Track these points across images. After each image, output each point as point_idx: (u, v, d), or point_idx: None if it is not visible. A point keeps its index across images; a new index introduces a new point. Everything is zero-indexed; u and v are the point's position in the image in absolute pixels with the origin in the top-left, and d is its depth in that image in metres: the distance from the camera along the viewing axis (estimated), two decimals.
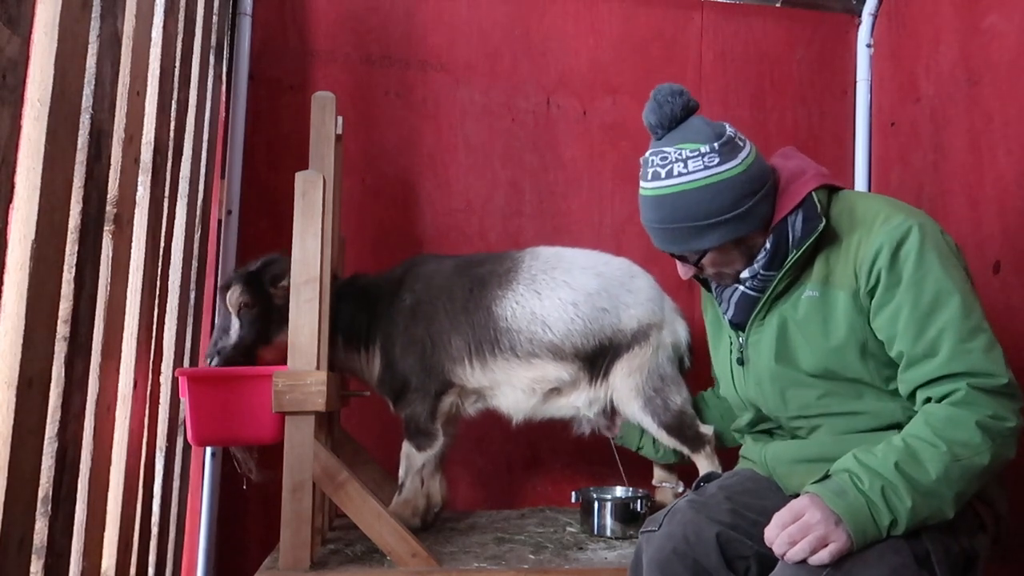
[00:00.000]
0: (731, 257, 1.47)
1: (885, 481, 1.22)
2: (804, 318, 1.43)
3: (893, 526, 1.22)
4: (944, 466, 1.23)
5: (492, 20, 2.60)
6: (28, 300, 1.15)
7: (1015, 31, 2.09)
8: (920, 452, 1.24)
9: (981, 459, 1.24)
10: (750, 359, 1.52)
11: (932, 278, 1.32)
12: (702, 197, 1.40)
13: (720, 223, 1.41)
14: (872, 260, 1.35)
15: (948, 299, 1.30)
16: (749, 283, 1.48)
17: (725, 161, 1.40)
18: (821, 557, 1.20)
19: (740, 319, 1.52)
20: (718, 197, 1.40)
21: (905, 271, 1.33)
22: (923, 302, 1.31)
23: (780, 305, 1.47)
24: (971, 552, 1.33)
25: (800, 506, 1.25)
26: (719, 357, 1.65)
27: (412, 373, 1.96)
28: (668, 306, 2.04)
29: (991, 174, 2.15)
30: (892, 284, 1.33)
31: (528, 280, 1.98)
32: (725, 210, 1.40)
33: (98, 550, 1.54)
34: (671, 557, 1.38)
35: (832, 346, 1.40)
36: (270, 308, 1.89)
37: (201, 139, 2.14)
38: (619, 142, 2.64)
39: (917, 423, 1.29)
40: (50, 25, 1.20)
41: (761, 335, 1.49)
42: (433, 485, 2.04)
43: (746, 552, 1.38)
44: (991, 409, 1.26)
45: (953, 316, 1.29)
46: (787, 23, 2.77)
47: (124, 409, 1.64)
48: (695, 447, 1.94)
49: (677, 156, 1.41)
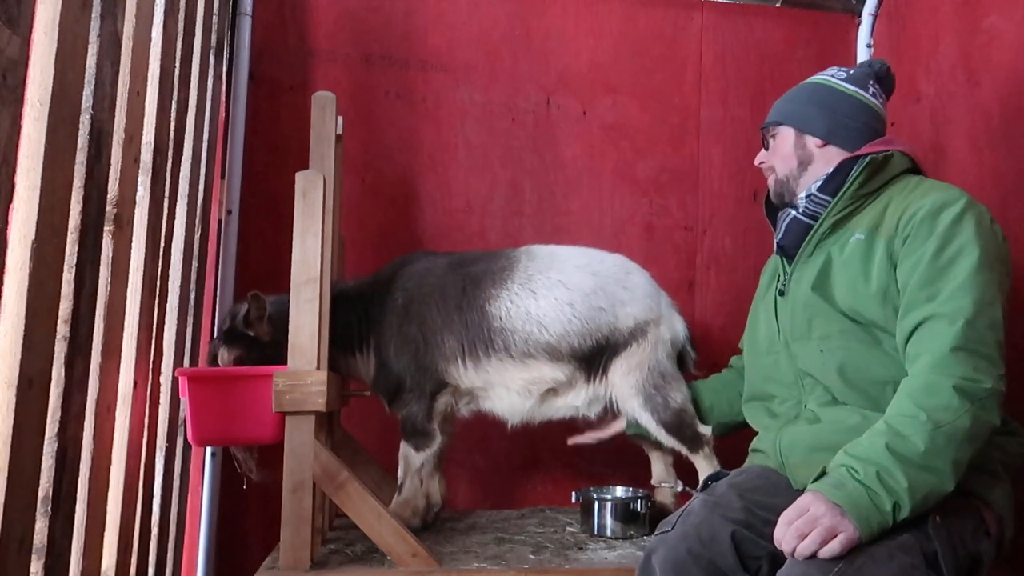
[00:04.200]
0: (786, 152, 1.66)
1: (878, 466, 1.23)
2: (847, 259, 1.50)
3: (897, 509, 1.22)
4: (929, 435, 1.24)
5: (492, 20, 2.60)
6: (28, 300, 1.15)
7: (1015, 31, 2.09)
8: (903, 428, 1.26)
9: (962, 422, 1.25)
10: (790, 292, 1.60)
11: (961, 240, 1.36)
12: (815, 90, 1.67)
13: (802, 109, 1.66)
14: (914, 212, 1.42)
15: (969, 263, 1.34)
16: (802, 207, 1.59)
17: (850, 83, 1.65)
18: (832, 548, 1.20)
19: (788, 242, 1.62)
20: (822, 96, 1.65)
21: (939, 226, 1.38)
22: (944, 256, 1.36)
23: (828, 244, 1.55)
24: (976, 556, 1.33)
25: (804, 503, 1.26)
26: (762, 306, 1.74)
27: (406, 373, 1.95)
28: (664, 302, 2.03)
29: (991, 174, 2.15)
30: (924, 236, 1.39)
31: (523, 279, 1.96)
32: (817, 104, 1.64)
33: (98, 550, 1.54)
34: (686, 558, 1.36)
35: (862, 289, 1.45)
36: (262, 347, 1.88)
37: (201, 139, 2.14)
38: (619, 142, 2.64)
39: (897, 399, 1.32)
40: (50, 25, 1.19)
41: (805, 270, 1.57)
42: (432, 485, 2.04)
43: (759, 552, 1.37)
44: (966, 370, 1.28)
45: (968, 280, 1.33)
46: (787, 23, 2.77)
47: (124, 409, 1.64)
48: (694, 447, 1.94)
49: (834, 72, 1.70)
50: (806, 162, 1.64)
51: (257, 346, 1.89)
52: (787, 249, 1.63)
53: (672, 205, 2.66)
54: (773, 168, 1.70)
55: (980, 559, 1.34)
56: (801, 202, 1.60)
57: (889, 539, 1.23)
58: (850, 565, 1.20)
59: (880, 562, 1.20)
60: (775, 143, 1.70)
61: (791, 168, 1.65)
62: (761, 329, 1.71)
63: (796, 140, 1.66)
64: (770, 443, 1.57)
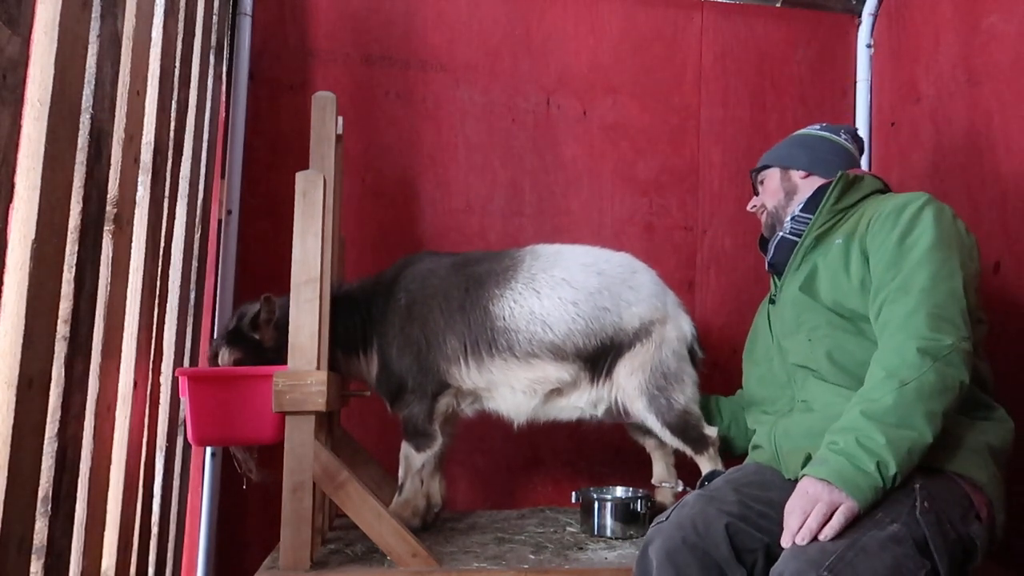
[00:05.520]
0: (775, 188, 1.85)
1: (855, 431, 1.31)
2: (829, 261, 1.65)
3: (883, 467, 1.28)
4: (897, 392, 1.33)
5: (492, 20, 2.60)
6: (28, 300, 1.15)
7: (1015, 31, 2.09)
8: (873, 392, 1.36)
9: (927, 377, 1.33)
10: (780, 299, 1.77)
11: (920, 227, 1.50)
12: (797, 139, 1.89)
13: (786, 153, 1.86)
14: (882, 211, 1.57)
15: (926, 243, 1.47)
16: (788, 227, 1.77)
17: (826, 131, 1.87)
18: (834, 525, 1.26)
19: (777, 259, 1.79)
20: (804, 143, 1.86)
21: (902, 218, 1.53)
22: (906, 243, 1.49)
23: (813, 256, 1.71)
24: (968, 542, 1.34)
25: (800, 490, 1.32)
26: (757, 324, 1.91)
27: (408, 373, 1.95)
28: (671, 301, 2.01)
29: (991, 174, 2.15)
30: (888, 228, 1.53)
31: (527, 279, 1.95)
32: (800, 146, 1.85)
33: (98, 550, 1.54)
34: (680, 547, 1.38)
35: (844, 284, 1.59)
36: (263, 352, 1.89)
37: (201, 139, 2.14)
38: (619, 142, 2.64)
39: (868, 371, 1.42)
40: (50, 25, 1.20)
41: (793, 279, 1.72)
42: (433, 485, 2.04)
43: (754, 545, 1.39)
44: (925, 331, 1.37)
45: (924, 257, 1.46)
46: (787, 23, 2.77)
47: (124, 409, 1.64)
48: (699, 448, 1.93)
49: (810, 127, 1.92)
50: (792, 192, 1.83)
51: (259, 351, 1.89)
52: (777, 266, 1.81)
53: (672, 205, 2.66)
54: (764, 205, 1.88)
55: (973, 543, 1.35)
56: (788, 225, 1.79)
57: (880, 531, 1.25)
58: (841, 560, 1.21)
59: (873, 555, 1.22)
60: (764, 185, 1.90)
61: (779, 199, 1.85)
62: (758, 347, 1.88)
63: (782, 176, 1.86)
64: (766, 436, 1.64)
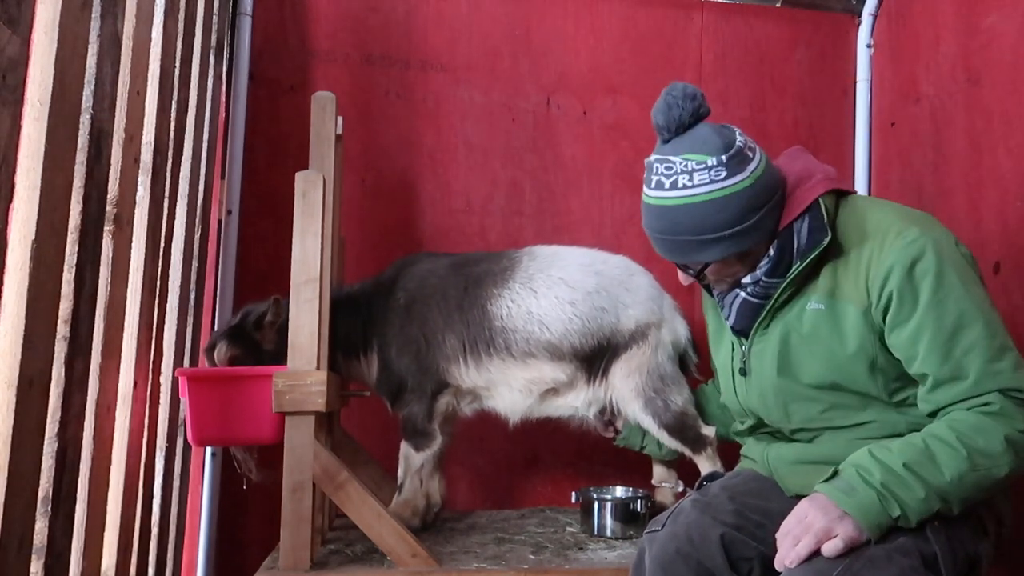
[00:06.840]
0: (734, 268, 1.44)
1: (897, 478, 1.22)
2: (810, 331, 1.39)
3: (903, 518, 1.22)
4: (960, 472, 1.21)
5: (492, 20, 2.60)
6: (28, 300, 1.15)
7: (1015, 31, 2.09)
8: (938, 454, 1.22)
9: (999, 471, 1.22)
10: (752, 370, 1.48)
11: (954, 298, 1.27)
12: (707, 211, 1.34)
13: (725, 237, 1.36)
14: (884, 278, 1.30)
15: (973, 320, 1.27)
16: (751, 289, 1.44)
17: (733, 175, 1.34)
18: (835, 545, 1.20)
19: (742, 325, 1.48)
20: (724, 211, 1.34)
21: (923, 291, 1.28)
22: (946, 323, 1.27)
23: (783, 316, 1.43)
24: (975, 558, 1.33)
25: (802, 509, 1.26)
26: (720, 362, 1.62)
27: (408, 373, 1.96)
28: (667, 304, 2.02)
29: (991, 174, 2.15)
30: (910, 304, 1.29)
31: (525, 279, 1.96)
32: (730, 224, 1.35)
33: (98, 550, 1.54)
34: (675, 558, 1.36)
35: (840, 360, 1.36)
36: (260, 352, 1.89)
37: (201, 139, 2.14)
38: (619, 142, 2.64)
39: (940, 426, 1.26)
40: (50, 25, 1.20)
41: (764, 346, 1.45)
42: (432, 485, 2.04)
43: (750, 553, 1.37)
44: (1021, 423, 1.23)
45: (979, 336, 1.26)
46: (787, 23, 2.77)
47: (124, 409, 1.64)
48: (696, 448, 1.93)
49: (683, 167, 1.35)
50: (754, 263, 1.43)
51: (257, 351, 1.89)
52: (742, 331, 1.50)
53: None
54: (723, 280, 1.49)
55: (979, 559, 1.33)
56: (748, 287, 1.44)
57: (887, 542, 1.23)
58: (848, 570, 1.20)
59: (879, 565, 1.20)
60: (712, 269, 1.45)
61: (737, 273, 1.45)
62: (729, 391, 1.58)
63: (738, 255, 1.42)
64: (759, 454, 1.56)
